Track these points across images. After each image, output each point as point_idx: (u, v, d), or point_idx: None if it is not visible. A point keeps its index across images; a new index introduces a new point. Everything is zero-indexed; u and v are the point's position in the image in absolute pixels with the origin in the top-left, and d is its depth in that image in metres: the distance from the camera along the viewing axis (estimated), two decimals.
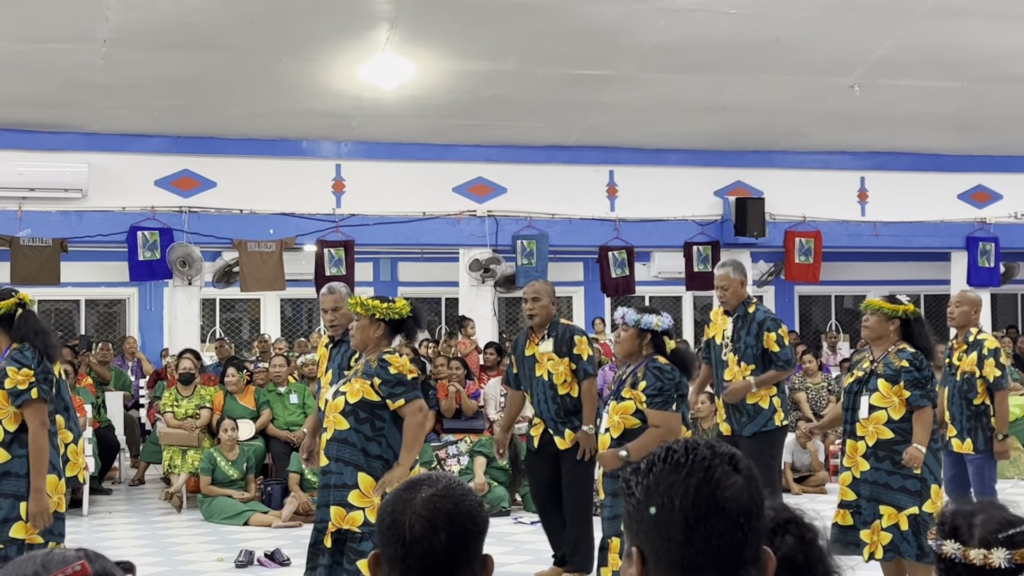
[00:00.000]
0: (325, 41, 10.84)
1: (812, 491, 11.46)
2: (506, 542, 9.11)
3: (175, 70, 11.33)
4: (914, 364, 6.32)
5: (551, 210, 14.29)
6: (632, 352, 6.15)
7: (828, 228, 14.97)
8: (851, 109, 12.87)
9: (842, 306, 21.98)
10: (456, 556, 2.10)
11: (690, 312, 21.15)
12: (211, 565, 8.40)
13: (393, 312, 5.91)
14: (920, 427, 6.31)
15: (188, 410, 11.36)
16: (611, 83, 12.07)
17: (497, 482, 10.61)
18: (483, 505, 2.19)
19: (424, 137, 13.72)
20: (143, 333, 18.48)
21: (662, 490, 1.74)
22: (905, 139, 14.52)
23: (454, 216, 14.07)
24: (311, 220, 13.61)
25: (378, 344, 5.93)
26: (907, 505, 6.26)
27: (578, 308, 20.72)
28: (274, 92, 12.04)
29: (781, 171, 14.84)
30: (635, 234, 14.54)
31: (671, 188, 14.60)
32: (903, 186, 15.14)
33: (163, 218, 13.17)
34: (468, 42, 11.04)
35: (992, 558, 2.31)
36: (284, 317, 20.47)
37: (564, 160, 14.33)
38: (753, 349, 7.62)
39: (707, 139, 14.21)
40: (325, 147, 13.83)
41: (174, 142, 13.30)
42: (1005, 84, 12.34)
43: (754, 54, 11.36)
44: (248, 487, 10.55)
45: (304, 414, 11.41)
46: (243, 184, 13.43)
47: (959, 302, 8.14)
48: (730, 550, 1.72)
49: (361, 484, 5.76)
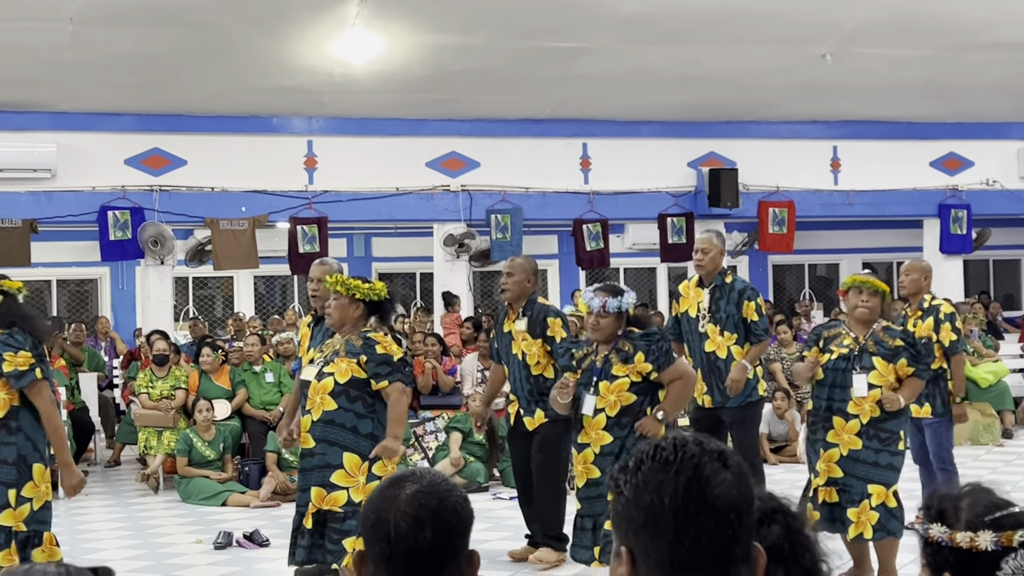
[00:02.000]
0: (294, 16, 10.73)
1: (788, 461, 11.51)
2: (485, 518, 9.10)
3: (143, 47, 11.20)
4: (907, 340, 6.42)
5: (525, 184, 14.25)
6: (612, 335, 6.36)
7: (801, 197, 14.98)
8: (823, 78, 12.86)
9: (815, 275, 22.06)
10: (442, 553, 2.08)
11: (664, 283, 21.19)
12: (189, 547, 8.38)
13: (372, 293, 5.96)
14: (909, 390, 6.39)
15: (163, 391, 11.31)
16: (583, 55, 12.01)
17: (474, 457, 10.62)
18: (468, 500, 2.17)
19: (396, 112, 13.63)
20: (116, 313, 18.38)
21: (651, 488, 1.71)
22: (877, 108, 14.53)
23: (427, 191, 14.00)
24: (283, 197, 13.52)
25: (355, 324, 5.95)
26: (893, 481, 6.35)
27: (553, 281, 20.73)
28: (244, 68, 11.92)
29: (754, 141, 14.84)
30: (609, 206, 14.52)
31: (644, 160, 14.57)
32: (875, 154, 15.16)
33: (134, 197, 13.05)
34: (439, 15, 10.95)
35: (978, 541, 2.31)
36: (258, 294, 20.38)
37: (537, 133, 14.27)
38: (735, 318, 7.67)
39: (680, 110, 14.18)
40: (296, 123, 13.73)
41: (143, 120, 13.17)
42: (976, 52, 12.35)
43: (727, 25, 11.32)
44: (225, 467, 10.52)
45: (280, 393, 11.38)
46: (214, 162, 13.31)
47: (908, 270, 8.20)
48: (721, 548, 1.70)
49: (347, 464, 5.77)
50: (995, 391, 13.12)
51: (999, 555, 2.31)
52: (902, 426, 6.40)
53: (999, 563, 2.31)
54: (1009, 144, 15.55)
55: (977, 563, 2.32)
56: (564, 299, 18.96)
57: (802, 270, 21.85)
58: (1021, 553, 2.31)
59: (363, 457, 5.76)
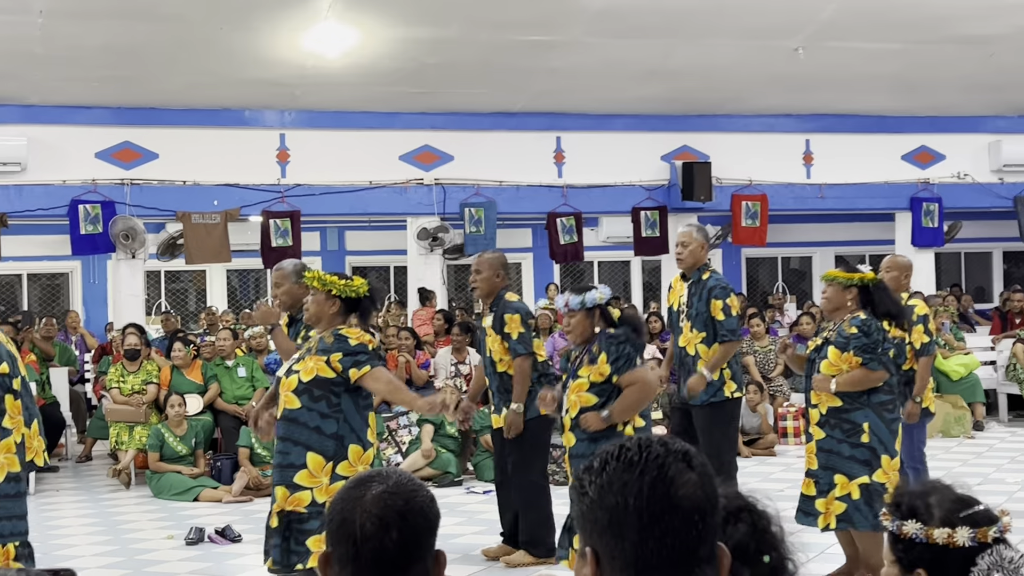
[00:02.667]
0: (267, 9, 10.68)
1: (762, 454, 11.55)
2: (458, 512, 9.11)
3: (114, 40, 11.12)
4: (863, 330, 6.31)
5: (498, 177, 14.24)
6: (587, 333, 6.20)
7: (774, 191, 15.03)
8: (796, 72, 12.90)
9: (788, 268, 22.15)
10: (408, 553, 2.07)
11: (639, 276, 21.23)
12: (161, 543, 8.33)
13: (350, 290, 5.86)
14: (855, 380, 6.30)
15: (134, 386, 11.25)
16: (557, 48, 12.00)
17: (447, 450, 10.61)
18: (434, 500, 2.16)
19: (369, 105, 13.59)
20: (87, 307, 18.28)
21: (616, 489, 1.70)
22: (849, 101, 14.59)
23: (401, 185, 13.98)
24: (256, 191, 13.47)
25: (331, 321, 5.87)
26: (858, 474, 6.26)
27: (527, 275, 20.73)
28: (216, 61, 11.86)
29: (727, 135, 14.88)
30: (583, 200, 14.53)
31: (618, 153, 14.59)
32: (847, 148, 15.23)
33: (105, 191, 12.98)
34: (412, 8, 10.91)
35: (956, 537, 2.32)
36: (231, 288, 20.30)
37: (511, 127, 14.27)
38: (704, 316, 7.59)
39: (653, 104, 14.19)
40: (269, 116, 13.67)
41: (114, 113, 13.09)
42: (947, 45, 12.40)
43: (699, 18, 11.34)
44: (197, 463, 10.47)
45: (252, 388, 11.34)
46: (186, 155, 13.25)
47: (889, 267, 8.18)
48: (685, 549, 1.70)
49: (310, 464, 5.69)
50: (966, 384, 13.20)
51: (973, 551, 2.33)
52: (867, 418, 6.29)
53: (972, 558, 2.33)
54: (980, 137, 15.64)
55: (952, 559, 2.34)
56: (538, 293, 18.99)
57: (775, 263, 21.93)
58: (996, 549, 2.32)
59: (327, 457, 5.69)
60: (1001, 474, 10.13)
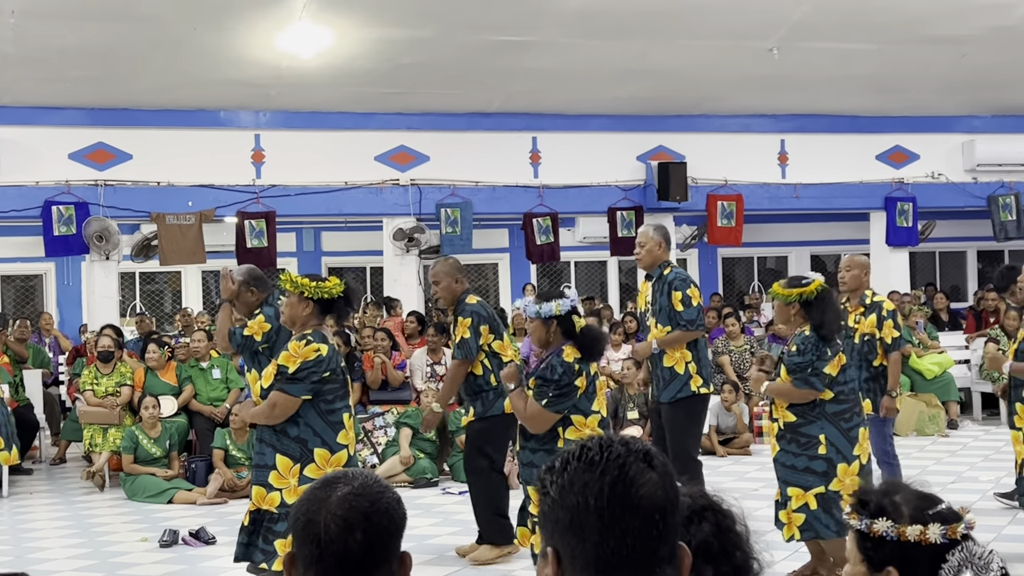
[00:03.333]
0: (241, 10, 10.65)
1: (737, 453, 11.58)
2: (434, 513, 9.11)
3: (87, 40, 11.07)
4: (799, 348, 6.33)
5: (474, 178, 14.23)
6: (544, 340, 6.22)
7: (749, 191, 15.08)
8: (770, 72, 12.94)
9: (764, 267, 22.21)
10: (373, 555, 2.06)
11: (615, 277, 21.25)
12: (134, 545, 8.29)
13: (322, 291, 5.84)
14: (780, 391, 6.35)
15: (108, 388, 11.19)
16: (532, 49, 12.01)
17: (424, 453, 10.59)
18: (401, 502, 2.15)
19: (344, 106, 13.57)
20: (61, 309, 18.18)
21: (577, 489, 1.70)
22: (823, 101, 14.65)
23: (377, 185, 13.95)
24: (231, 191, 13.42)
25: (306, 322, 5.86)
26: (813, 485, 6.29)
27: (504, 275, 20.72)
28: (190, 62, 11.81)
29: (702, 135, 14.91)
30: (559, 200, 14.53)
31: (594, 154, 14.60)
32: (822, 148, 15.29)
33: (78, 192, 12.91)
34: (386, 9, 10.90)
35: (929, 534, 2.34)
36: (206, 289, 20.22)
37: (486, 127, 14.26)
38: (667, 310, 7.64)
39: (629, 104, 14.21)
40: (243, 117, 13.63)
41: (88, 114, 13.03)
42: (920, 45, 12.47)
43: (674, 19, 11.37)
44: (171, 464, 10.43)
45: (227, 389, 11.31)
46: (160, 156, 13.19)
47: (849, 266, 8.24)
48: (646, 549, 1.70)
49: (279, 466, 5.73)
50: (940, 382, 13.26)
51: (942, 548, 2.34)
52: (823, 430, 6.29)
53: (941, 555, 2.35)
54: (954, 137, 15.72)
55: (922, 556, 2.35)
56: (516, 293, 18.98)
57: (751, 263, 21.98)
58: (965, 545, 2.34)
59: (293, 459, 5.71)
60: (975, 472, 10.18)
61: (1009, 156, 15.64)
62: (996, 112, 15.66)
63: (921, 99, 14.75)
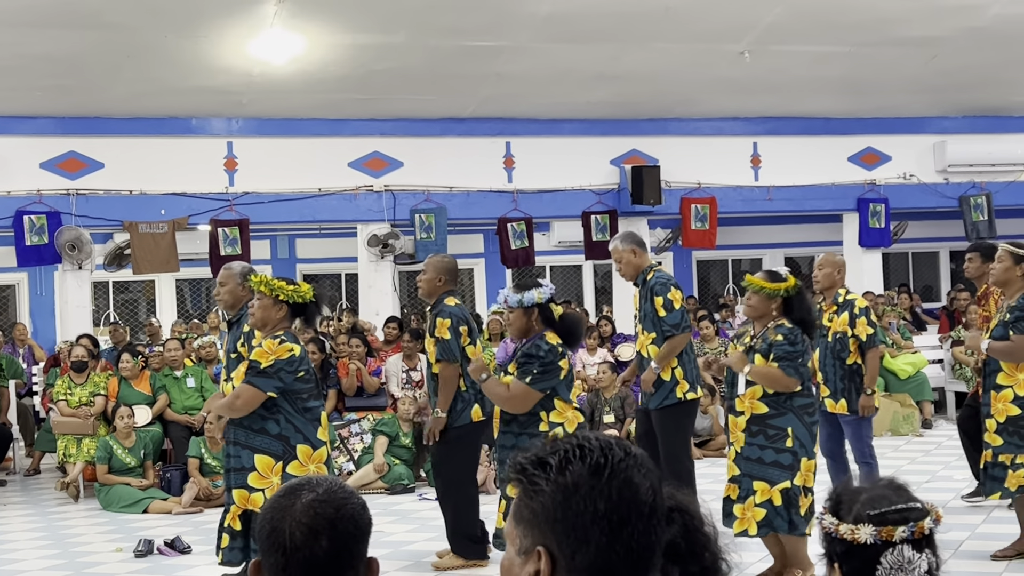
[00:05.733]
0: (212, 17, 10.62)
1: (712, 455, 11.60)
2: (410, 519, 9.10)
3: (58, 49, 11.01)
4: (789, 339, 6.34)
5: (448, 183, 14.22)
6: (524, 330, 6.30)
7: (723, 194, 15.12)
8: (742, 75, 12.99)
9: (739, 270, 22.28)
10: (339, 562, 2.05)
11: (591, 280, 21.29)
12: (109, 556, 8.25)
13: (297, 295, 5.89)
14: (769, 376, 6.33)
15: (82, 398, 11.13)
16: (504, 54, 12.02)
17: (400, 460, 10.58)
18: (366, 508, 2.14)
19: (317, 112, 13.54)
20: (35, 319, 18.06)
21: (584, 493, 1.71)
22: (796, 104, 14.70)
23: (351, 192, 13.93)
24: (204, 199, 13.37)
25: (277, 325, 5.88)
26: (779, 480, 6.30)
27: (479, 280, 20.72)
28: (161, 69, 11.77)
29: (675, 138, 14.94)
30: (533, 205, 14.54)
31: (567, 158, 14.62)
32: (795, 150, 15.35)
33: (50, 201, 12.84)
34: (358, 15, 10.89)
35: (859, 534, 2.35)
36: (181, 298, 20.14)
37: (460, 132, 14.26)
38: (651, 315, 7.65)
39: (602, 108, 14.24)
40: (216, 124, 13.58)
41: (59, 123, 12.96)
42: (891, 47, 12.54)
43: (645, 23, 11.39)
44: (146, 474, 10.38)
45: (202, 398, 11.26)
46: (132, 164, 13.13)
47: (822, 265, 8.27)
48: (647, 552, 1.73)
49: (259, 466, 5.73)
50: (914, 382, 13.34)
51: (883, 549, 2.35)
52: (790, 423, 6.32)
53: (876, 557, 2.36)
54: (925, 138, 15.81)
55: (861, 556, 2.36)
56: (491, 298, 18.96)
57: (726, 265, 22.05)
58: (899, 548, 2.35)
59: (275, 458, 5.72)
60: (949, 471, 10.23)
61: (980, 157, 15.73)
62: (967, 113, 15.76)
63: (893, 101, 14.83)
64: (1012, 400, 6.85)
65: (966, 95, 14.82)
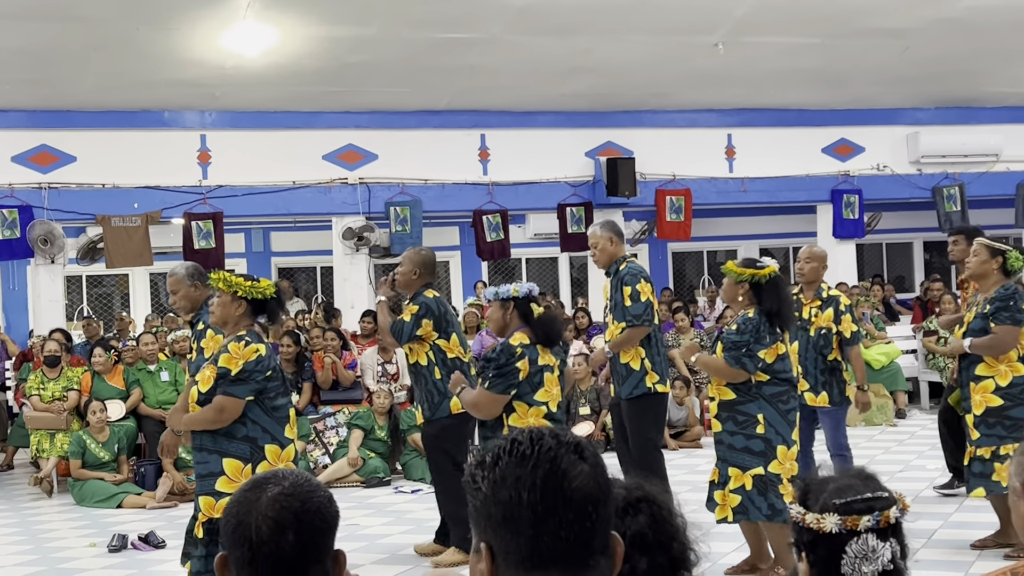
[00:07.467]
0: (184, 9, 10.55)
1: (688, 446, 11.65)
2: (387, 512, 9.09)
3: (28, 42, 10.93)
4: (739, 328, 6.36)
5: (423, 175, 14.20)
6: (501, 324, 6.35)
7: (697, 185, 15.14)
8: (716, 67, 13.00)
9: (714, 261, 22.33)
10: (306, 555, 2.05)
11: (566, 272, 21.30)
12: (83, 551, 8.21)
13: (256, 291, 5.79)
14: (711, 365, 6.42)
15: (55, 393, 11.07)
16: (478, 46, 11.99)
17: (376, 453, 10.56)
18: (333, 500, 2.14)
19: (291, 105, 13.48)
20: (7, 313, 17.92)
21: (509, 483, 1.69)
22: (769, 95, 14.74)
23: (325, 184, 13.88)
24: (177, 192, 13.30)
25: (238, 323, 5.80)
26: (751, 465, 6.30)
27: (455, 273, 20.71)
28: (133, 62, 11.69)
29: (650, 130, 14.96)
30: (508, 197, 14.53)
31: (542, 150, 14.61)
32: (769, 142, 15.38)
33: (22, 195, 12.75)
34: (331, 7, 10.84)
35: (824, 523, 2.37)
36: (156, 291, 20.05)
37: (435, 125, 14.23)
38: (620, 305, 7.65)
39: (576, 100, 14.23)
40: (189, 117, 13.51)
41: (30, 116, 12.87)
42: (863, 38, 12.57)
43: (619, 15, 11.39)
44: (120, 469, 10.33)
45: (176, 392, 11.20)
46: (104, 158, 13.05)
47: (808, 258, 8.26)
48: (579, 541, 1.70)
49: (228, 470, 5.65)
50: (888, 372, 13.41)
51: (848, 538, 2.36)
52: (761, 410, 6.32)
53: (841, 546, 2.37)
54: (898, 129, 15.87)
55: (827, 545, 2.38)
56: (467, 291, 18.99)
57: (701, 257, 22.10)
58: (864, 538, 2.36)
59: (244, 461, 5.65)
60: (922, 460, 10.29)
61: (953, 147, 15.81)
62: (940, 104, 15.82)
63: (866, 92, 14.87)
64: (993, 391, 6.83)
65: (939, 86, 14.88)
